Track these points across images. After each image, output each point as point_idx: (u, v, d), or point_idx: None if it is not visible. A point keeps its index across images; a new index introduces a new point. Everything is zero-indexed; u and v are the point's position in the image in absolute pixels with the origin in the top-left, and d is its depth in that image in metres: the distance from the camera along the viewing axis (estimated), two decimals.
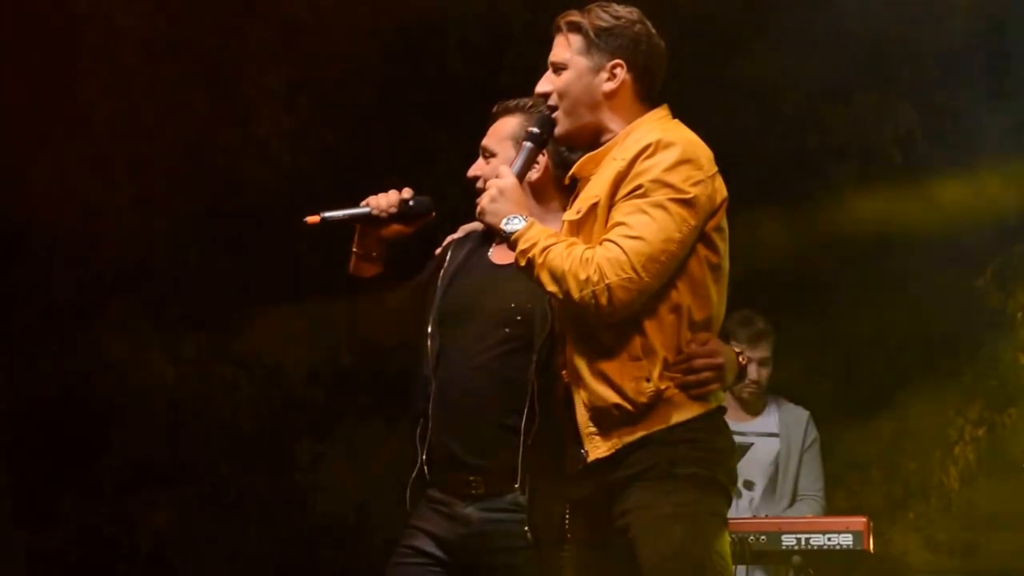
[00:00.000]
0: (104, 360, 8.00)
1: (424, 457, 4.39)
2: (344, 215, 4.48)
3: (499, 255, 4.42)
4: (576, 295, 3.80)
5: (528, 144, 4.11)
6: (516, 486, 4.23)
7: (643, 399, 3.85)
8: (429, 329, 4.44)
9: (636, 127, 3.99)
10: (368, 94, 7.85)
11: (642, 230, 3.80)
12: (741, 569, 6.24)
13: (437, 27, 7.95)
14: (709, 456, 3.89)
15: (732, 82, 7.87)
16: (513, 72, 7.29)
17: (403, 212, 4.50)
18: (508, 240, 3.92)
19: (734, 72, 7.87)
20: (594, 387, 3.89)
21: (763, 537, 5.92)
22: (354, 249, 4.55)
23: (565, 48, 4.02)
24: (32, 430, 8.02)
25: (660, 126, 3.98)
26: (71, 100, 7.56)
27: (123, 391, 8.03)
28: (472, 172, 4.46)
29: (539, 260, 3.84)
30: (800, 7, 7.67)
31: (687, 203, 3.85)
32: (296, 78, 7.89)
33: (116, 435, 8.14)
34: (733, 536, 5.47)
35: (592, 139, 4.05)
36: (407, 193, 4.50)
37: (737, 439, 6.14)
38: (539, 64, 4.08)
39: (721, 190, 3.95)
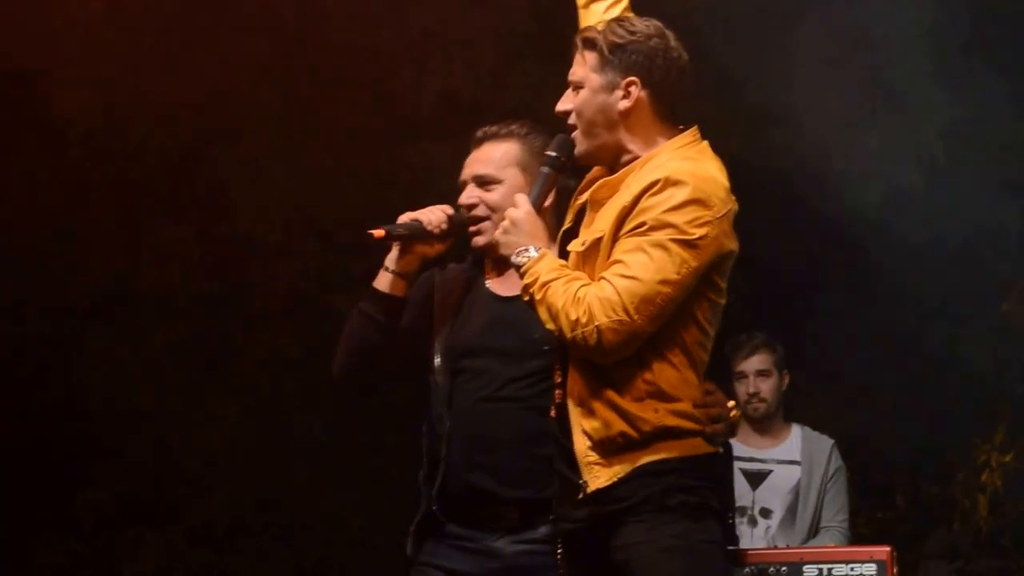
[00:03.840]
0: (83, 390, 7.85)
1: (435, 497, 4.22)
2: (404, 230, 4.23)
3: (500, 286, 4.32)
4: (568, 334, 3.67)
5: (546, 169, 3.96)
6: (551, 518, 3.99)
7: (648, 428, 3.69)
8: (437, 366, 4.29)
9: (656, 154, 3.79)
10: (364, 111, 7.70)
11: (638, 270, 3.64)
12: None
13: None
14: (700, 484, 3.73)
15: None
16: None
17: (452, 229, 4.27)
18: (518, 272, 3.81)
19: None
20: (601, 413, 3.73)
21: (784, 568, 5.38)
22: (392, 268, 4.29)
23: (581, 65, 3.85)
24: (10, 465, 7.78)
25: (680, 155, 3.78)
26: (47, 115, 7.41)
27: (104, 423, 7.85)
28: (466, 201, 4.29)
29: (538, 296, 3.73)
30: None
31: (689, 244, 3.65)
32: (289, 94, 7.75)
33: (96, 470, 7.95)
34: (752, 567, 5.32)
35: (613, 159, 3.86)
36: (450, 209, 4.28)
37: (755, 466, 6.48)
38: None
39: (731, 235, 3.74)
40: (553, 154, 3.91)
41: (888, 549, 5.38)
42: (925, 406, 8.03)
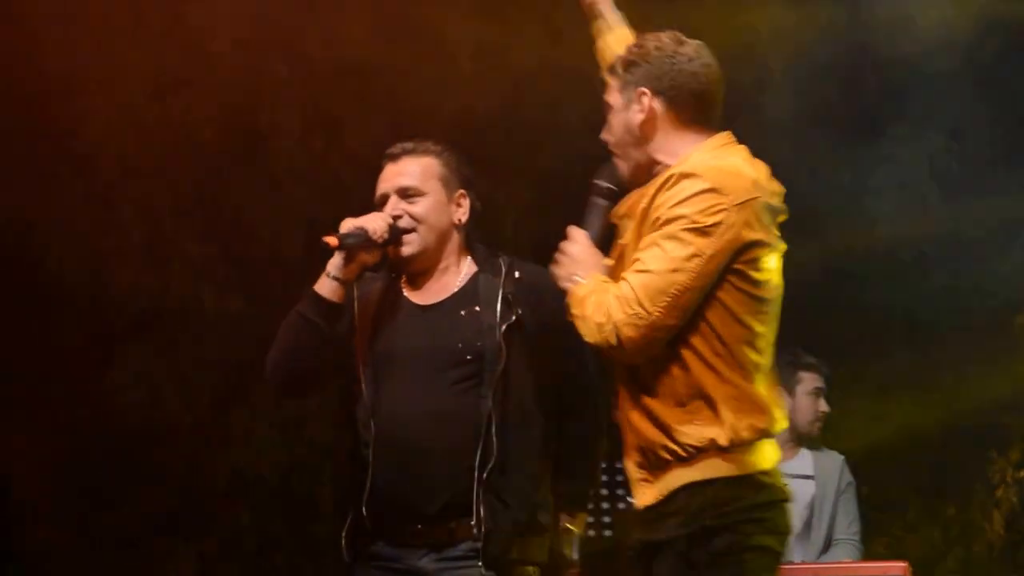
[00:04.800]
0: (117, 406, 7.83)
1: (365, 502, 4.21)
2: (354, 240, 4.26)
3: (420, 296, 4.37)
4: (592, 340, 3.62)
5: (599, 201, 3.87)
6: (473, 531, 4.12)
7: (690, 441, 3.59)
8: (362, 374, 4.30)
9: (687, 158, 3.71)
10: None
11: (651, 263, 3.57)
12: None
13: None
14: (744, 519, 3.59)
15: None
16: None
17: (391, 237, 4.32)
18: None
19: None
20: (643, 427, 3.66)
21: None
22: (335, 275, 4.31)
23: (610, 91, 3.85)
24: (47, 478, 7.84)
25: (710, 155, 3.70)
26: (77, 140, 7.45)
27: (136, 438, 7.82)
28: (391, 212, 4.35)
29: (576, 312, 3.68)
30: None
31: (701, 231, 3.56)
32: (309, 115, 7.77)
33: (130, 483, 7.92)
34: None
35: (648, 175, 3.78)
36: (389, 217, 4.33)
37: None
38: None
39: (756, 225, 3.62)
40: (603, 184, 3.86)
41: (904, 565, 5.59)
42: (939, 422, 7.92)
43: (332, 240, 4.22)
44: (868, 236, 7.99)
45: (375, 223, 4.25)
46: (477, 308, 4.29)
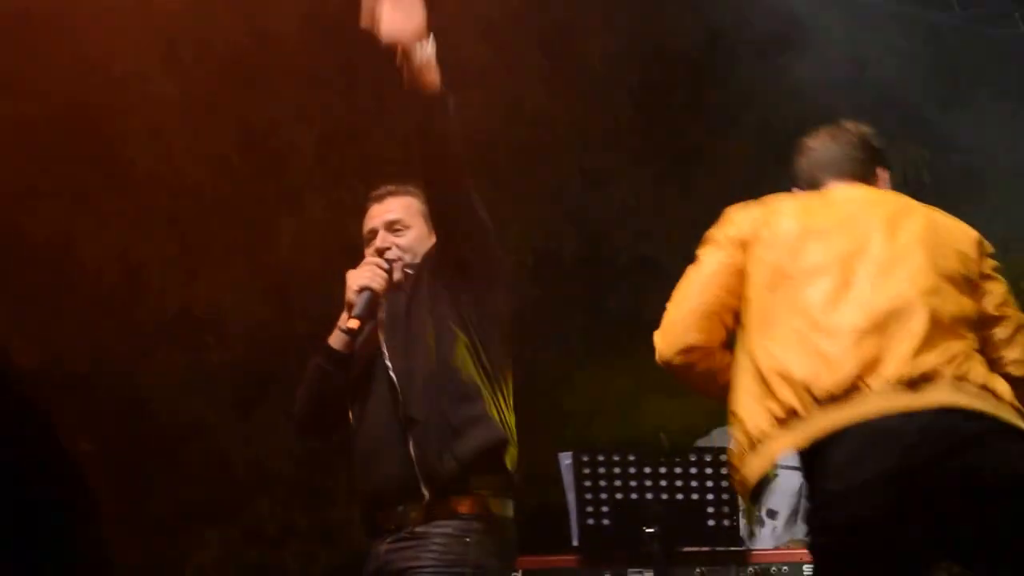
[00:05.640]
0: (148, 404, 7.98)
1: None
2: (367, 308, 4.43)
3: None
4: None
5: None
6: (413, 515, 4.23)
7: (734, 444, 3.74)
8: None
9: None
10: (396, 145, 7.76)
11: None
12: None
13: None
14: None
15: None
16: None
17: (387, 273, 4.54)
18: None
19: None
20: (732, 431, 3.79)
21: (784, 567, 5.76)
22: (346, 329, 4.47)
23: None
24: (82, 470, 7.91)
25: None
26: (112, 158, 7.56)
27: (166, 435, 8.02)
28: (381, 244, 4.51)
29: None
30: None
31: (708, 242, 3.88)
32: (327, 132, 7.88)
33: (161, 474, 8.12)
34: (755, 567, 5.65)
35: None
36: (383, 263, 4.52)
37: None
38: None
39: (768, 223, 3.84)
40: None
41: None
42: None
43: (354, 323, 4.38)
44: None
45: (376, 280, 4.44)
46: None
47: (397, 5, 4.05)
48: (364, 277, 4.44)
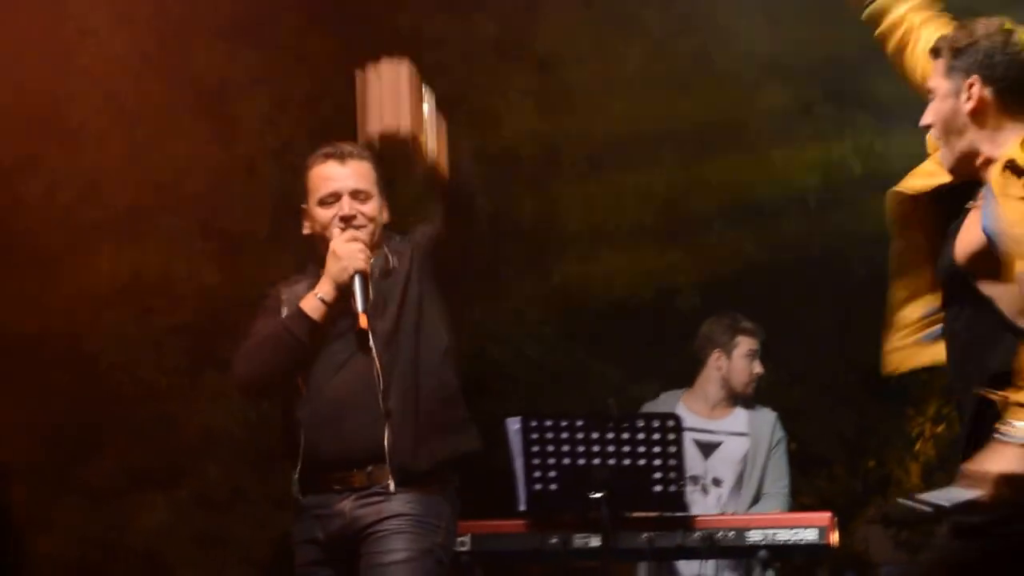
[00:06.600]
0: (98, 368, 7.94)
1: (300, 459, 4.46)
2: (362, 289, 4.44)
3: None
4: None
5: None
6: (388, 475, 4.35)
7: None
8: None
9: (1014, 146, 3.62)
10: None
11: None
12: (710, 564, 6.28)
13: None
14: None
15: None
16: None
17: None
18: None
19: None
20: None
21: (731, 533, 5.81)
22: (327, 300, 4.51)
23: (934, 74, 3.73)
24: (34, 434, 7.94)
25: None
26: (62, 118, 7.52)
27: (117, 400, 7.98)
28: (348, 212, 4.51)
29: None
30: None
31: None
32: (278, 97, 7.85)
33: (111, 441, 8.09)
34: (701, 532, 5.70)
35: (969, 167, 3.69)
36: (360, 235, 4.54)
37: (707, 437, 6.60)
38: None
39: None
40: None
41: (828, 515, 5.72)
42: (861, 380, 7.93)
43: (364, 320, 4.38)
44: None
45: (363, 259, 4.45)
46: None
47: (385, 109, 4.09)
48: (358, 259, 4.45)
